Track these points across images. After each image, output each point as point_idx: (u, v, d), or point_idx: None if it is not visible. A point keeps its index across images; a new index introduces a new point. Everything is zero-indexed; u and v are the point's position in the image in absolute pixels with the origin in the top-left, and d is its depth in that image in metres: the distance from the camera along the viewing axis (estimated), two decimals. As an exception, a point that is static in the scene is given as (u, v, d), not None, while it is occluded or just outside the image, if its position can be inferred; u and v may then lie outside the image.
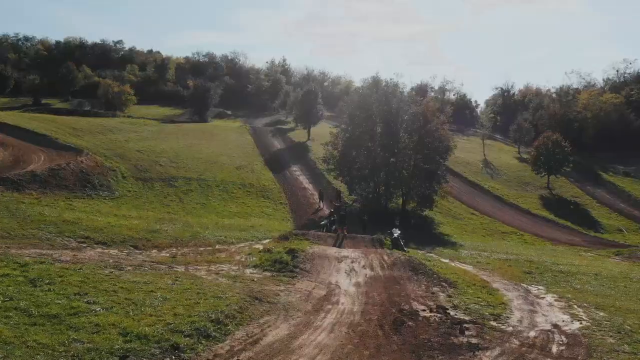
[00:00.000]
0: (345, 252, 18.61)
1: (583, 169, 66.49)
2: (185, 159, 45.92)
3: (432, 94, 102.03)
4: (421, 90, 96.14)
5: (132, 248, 19.27)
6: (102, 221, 23.14)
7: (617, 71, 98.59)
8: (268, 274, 15.32)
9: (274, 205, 38.61)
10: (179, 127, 64.51)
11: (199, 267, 16.17)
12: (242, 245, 21.71)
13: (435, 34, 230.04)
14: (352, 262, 16.89)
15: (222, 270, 15.97)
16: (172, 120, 75.10)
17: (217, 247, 20.97)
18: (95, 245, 18.84)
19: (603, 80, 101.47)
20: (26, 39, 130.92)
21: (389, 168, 40.71)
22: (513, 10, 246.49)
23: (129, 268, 15.15)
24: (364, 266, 16.48)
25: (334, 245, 21.74)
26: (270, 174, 46.54)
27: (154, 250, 19.14)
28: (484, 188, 56.79)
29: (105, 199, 33.48)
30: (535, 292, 17.69)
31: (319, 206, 40.30)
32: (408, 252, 23.12)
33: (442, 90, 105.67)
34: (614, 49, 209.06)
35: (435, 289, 15.07)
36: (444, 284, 15.64)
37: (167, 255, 18.35)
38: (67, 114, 67.64)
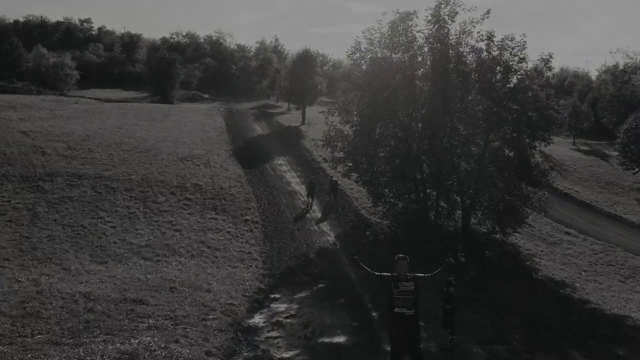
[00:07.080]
0: None
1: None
2: (96, 144, 27.73)
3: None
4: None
5: None
6: None
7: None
8: None
9: (232, 227, 20.23)
10: (122, 105, 46.23)
11: None
12: None
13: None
14: None
15: None
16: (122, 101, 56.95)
17: None
18: None
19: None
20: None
21: (440, 157, 22.53)
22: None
23: None
24: None
25: None
26: (237, 168, 28.33)
27: None
28: (560, 190, 38.79)
29: None
30: None
31: (308, 207, 23.02)
32: None
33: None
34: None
35: None
36: None
37: None
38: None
